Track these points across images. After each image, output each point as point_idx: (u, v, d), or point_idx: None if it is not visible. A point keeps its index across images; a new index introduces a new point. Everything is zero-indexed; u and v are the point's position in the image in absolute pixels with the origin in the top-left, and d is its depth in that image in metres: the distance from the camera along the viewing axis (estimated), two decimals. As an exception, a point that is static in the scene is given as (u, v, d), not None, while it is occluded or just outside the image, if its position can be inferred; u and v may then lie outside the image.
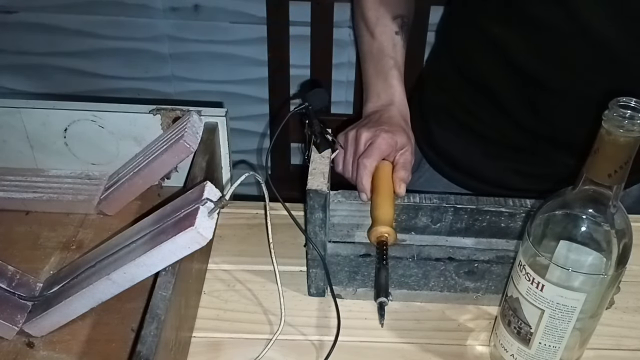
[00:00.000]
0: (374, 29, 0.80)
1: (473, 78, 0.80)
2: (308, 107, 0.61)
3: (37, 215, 0.71)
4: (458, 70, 0.82)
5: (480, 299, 0.63)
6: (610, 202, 0.46)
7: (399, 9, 0.81)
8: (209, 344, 0.59)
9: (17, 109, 0.70)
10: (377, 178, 0.66)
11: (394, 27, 0.80)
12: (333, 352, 0.57)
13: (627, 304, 0.64)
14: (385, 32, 0.80)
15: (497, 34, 0.74)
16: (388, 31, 0.80)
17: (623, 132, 0.42)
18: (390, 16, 0.80)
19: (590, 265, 0.48)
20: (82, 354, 0.56)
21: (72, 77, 1.34)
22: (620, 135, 0.42)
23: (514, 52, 0.73)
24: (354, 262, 0.61)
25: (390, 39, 0.79)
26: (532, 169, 0.82)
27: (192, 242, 0.51)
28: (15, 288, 0.58)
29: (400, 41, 0.80)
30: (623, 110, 0.42)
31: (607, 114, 0.43)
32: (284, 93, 1.22)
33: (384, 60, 0.78)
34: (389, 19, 0.80)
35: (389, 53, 0.79)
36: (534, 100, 0.75)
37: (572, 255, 0.48)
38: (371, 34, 0.80)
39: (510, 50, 0.73)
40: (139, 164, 0.70)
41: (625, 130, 0.42)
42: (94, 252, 0.60)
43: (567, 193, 0.48)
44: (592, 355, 0.59)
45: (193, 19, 1.25)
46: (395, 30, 0.80)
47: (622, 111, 0.42)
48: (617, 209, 0.46)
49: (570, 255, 0.48)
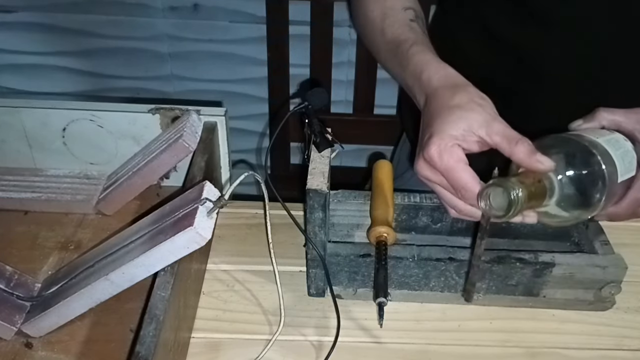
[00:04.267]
0: (382, 26, 0.70)
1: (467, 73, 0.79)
2: (308, 107, 0.61)
3: (36, 215, 0.71)
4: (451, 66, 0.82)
5: (480, 299, 0.63)
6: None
7: (407, 1, 0.72)
8: (208, 345, 0.59)
9: (16, 108, 0.70)
10: (377, 178, 0.66)
11: (407, 16, 0.69)
12: (333, 352, 0.57)
13: (629, 304, 0.64)
14: (395, 22, 0.69)
15: (497, 28, 0.73)
16: (400, 20, 0.69)
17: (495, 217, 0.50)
18: (400, 7, 0.70)
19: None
20: (81, 355, 0.56)
21: (71, 76, 1.34)
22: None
23: (514, 46, 0.73)
24: (354, 262, 0.61)
25: (404, 25, 0.68)
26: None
27: (191, 242, 0.50)
28: (13, 288, 0.58)
29: (418, 27, 0.68)
30: (485, 202, 0.50)
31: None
32: (284, 92, 1.21)
33: (401, 47, 0.65)
34: (397, 10, 0.70)
35: (404, 37, 0.66)
36: (530, 96, 0.75)
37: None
38: (381, 32, 0.70)
39: (510, 44, 0.73)
40: (137, 163, 0.70)
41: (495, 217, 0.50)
42: (92, 252, 0.60)
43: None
44: (594, 355, 0.59)
45: (192, 18, 1.25)
46: (410, 18, 0.69)
47: (483, 203, 0.50)
48: None
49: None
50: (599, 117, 0.58)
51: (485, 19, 0.75)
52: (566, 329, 0.62)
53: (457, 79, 0.59)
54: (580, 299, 0.62)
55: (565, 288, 0.61)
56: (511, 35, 0.72)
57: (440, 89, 0.58)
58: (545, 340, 0.60)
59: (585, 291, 0.62)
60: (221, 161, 0.75)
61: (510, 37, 0.72)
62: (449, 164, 0.52)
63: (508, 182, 0.48)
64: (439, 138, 0.53)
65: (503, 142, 0.51)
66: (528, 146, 0.51)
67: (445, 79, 0.59)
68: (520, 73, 0.74)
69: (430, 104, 0.57)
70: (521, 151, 0.50)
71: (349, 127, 1.24)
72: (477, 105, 0.54)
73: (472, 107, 0.54)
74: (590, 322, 0.62)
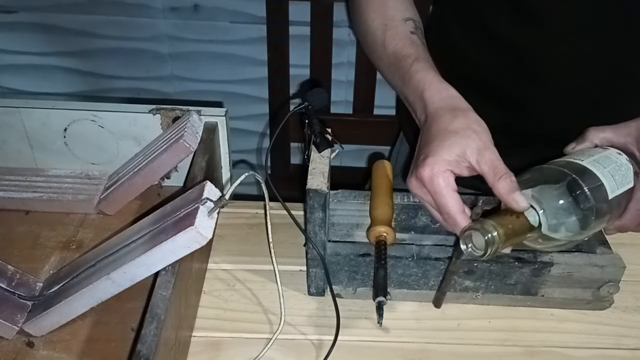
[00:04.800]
0: (383, 38, 0.70)
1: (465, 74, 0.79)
2: (308, 107, 0.61)
3: (37, 215, 0.71)
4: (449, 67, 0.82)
5: (480, 298, 0.63)
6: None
7: (407, 12, 0.73)
8: (208, 344, 0.59)
9: (16, 108, 0.70)
10: (376, 177, 0.66)
11: (407, 28, 0.70)
12: (333, 351, 0.57)
13: (627, 303, 0.64)
14: (396, 34, 0.70)
15: (495, 28, 0.73)
16: (401, 32, 0.70)
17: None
18: (400, 18, 0.71)
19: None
20: (82, 354, 0.56)
21: (71, 76, 1.34)
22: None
23: (513, 46, 0.73)
24: (354, 261, 0.61)
25: (405, 38, 0.69)
26: (522, 163, 0.81)
27: (192, 241, 0.51)
28: (15, 288, 0.58)
29: (418, 40, 0.69)
30: (466, 244, 0.53)
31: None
32: (284, 93, 1.22)
33: (403, 62, 0.66)
34: (398, 21, 0.71)
35: (406, 52, 0.67)
36: (529, 96, 0.75)
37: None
38: (382, 44, 0.70)
39: (509, 44, 0.73)
40: (138, 163, 0.70)
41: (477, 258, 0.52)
42: (93, 252, 0.60)
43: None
44: (592, 354, 0.59)
45: (193, 19, 1.25)
46: (410, 30, 0.70)
47: (464, 245, 0.53)
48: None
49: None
50: (590, 137, 0.60)
51: (484, 18, 0.75)
52: (565, 328, 0.62)
53: (458, 101, 0.60)
54: (579, 298, 0.62)
55: (563, 287, 0.62)
56: (510, 35, 0.72)
57: (440, 110, 0.59)
58: (544, 339, 0.61)
59: (583, 290, 0.62)
60: (222, 161, 0.75)
61: (509, 37, 0.73)
62: (438, 189, 0.54)
63: (484, 224, 0.51)
64: (433, 161, 0.55)
65: (490, 172, 0.54)
66: (510, 183, 0.53)
67: (447, 100, 0.60)
68: (519, 73, 0.74)
69: (429, 125, 0.59)
70: (503, 187, 0.53)
71: (348, 127, 1.24)
72: (472, 132, 0.56)
73: (468, 134, 0.56)
74: (588, 321, 0.63)
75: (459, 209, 0.54)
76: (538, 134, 0.77)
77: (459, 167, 0.55)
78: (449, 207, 0.54)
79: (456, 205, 0.54)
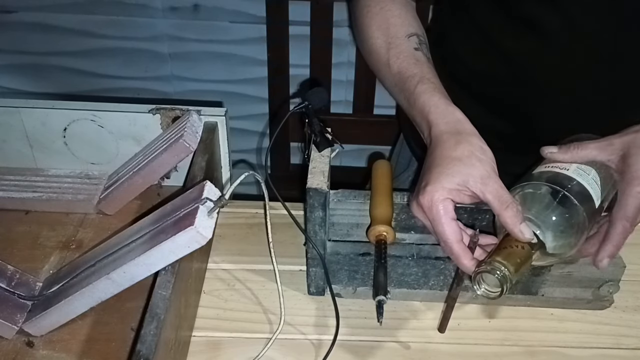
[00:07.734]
0: (387, 57, 0.69)
1: (464, 81, 0.79)
2: (308, 107, 0.61)
3: (37, 214, 0.71)
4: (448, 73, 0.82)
5: (480, 298, 0.63)
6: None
7: (411, 27, 0.71)
8: (208, 343, 0.59)
9: (16, 108, 0.70)
10: (376, 177, 0.66)
11: (411, 45, 0.69)
12: (332, 351, 0.58)
13: (627, 303, 0.64)
14: (401, 53, 0.68)
15: (493, 36, 0.73)
16: (405, 50, 0.68)
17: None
18: (403, 35, 0.70)
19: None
20: (82, 353, 0.56)
21: (71, 76, 1.34)
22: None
23: (511, 54, 0.73)
24: (354, 261, 0.61)
25: (409, 56, 0.68)
26: (521, 170, 0.81)
27: (192, 241, 0.51)
28: (15, 287, 0.58)
29: (423, 57, 0.68)
30: (478, 286, 0.53)
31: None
32: (284, 92, 1.22)
33: (408, 83, 0.65)
34: (401, 38, 0.69)
35: (410, 72, 0.66)
36: (528, 103, 0.75)
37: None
38: (386, 63, 0.69)
39: (506, 52, 0.73)
40: (138, 163, 0.70)
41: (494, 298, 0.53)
42: (93, 252, 0.60)
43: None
44: (592, 354, 0.59)
45: (192, 19, 1.25)
46: (414, 47, 0.69)
47: (478, 287, 0.53)
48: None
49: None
50: (571, 153, 0.59)
51: (482, 28, 0.75)
52: (565, 328, 0.62)
53: (463, 125, 0.59)
54: (579, 298, 0.63)
55: (563, 287, 0.62)
56: (509, 45, 0.72)
57: (445, 135, 0.59)
58: (544, 339, 0.61)
59: (583, 290, 0.62)
60: (222, 161, 0.75)
61: (508, 47, 0.73)
62: (437, 217, 0.55)
63: (493, 265, 0.51)
64: (433, 189, 0.55)
65: (495, 201, 0.54)
66: (516, 212, 0.53)
67: (451, 124, 0.60)
68: (518, 82, 0.74)
69: (433, 149, 0.59)
70: (509, 216, 0.53)
71: (348, 127, 1.25)
72: (476, 159, 0.56)
73: (471, 162, 0.56)
74: (588, 320, 0.63)
75: (455, 238, 0.55)
76: (536, 142, 0.77)
77: (460, 196, 0.56)
78: (446, 235, 0.55)
79: (453, 234, 0.54)
